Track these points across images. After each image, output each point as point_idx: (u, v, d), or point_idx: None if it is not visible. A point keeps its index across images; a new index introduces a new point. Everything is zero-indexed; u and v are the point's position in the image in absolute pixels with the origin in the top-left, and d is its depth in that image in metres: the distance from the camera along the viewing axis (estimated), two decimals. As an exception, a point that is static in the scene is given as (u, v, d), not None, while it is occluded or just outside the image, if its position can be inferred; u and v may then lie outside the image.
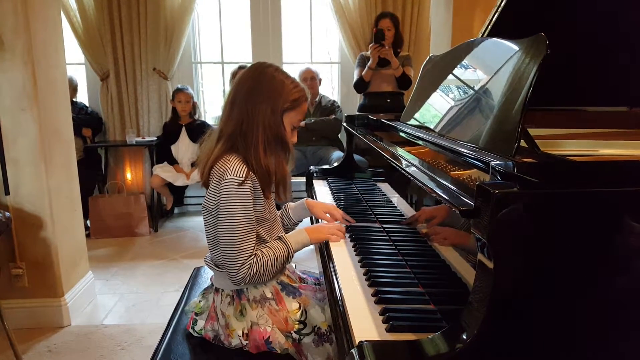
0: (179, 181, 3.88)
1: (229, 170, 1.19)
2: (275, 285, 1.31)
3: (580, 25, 1.40)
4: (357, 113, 3.18)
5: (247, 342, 1.25)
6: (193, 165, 3.94)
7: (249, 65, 4.35)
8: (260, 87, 1.25)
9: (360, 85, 3.65)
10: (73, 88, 3.98)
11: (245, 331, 1.25)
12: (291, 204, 1.57)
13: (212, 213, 1.25)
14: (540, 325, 0.73)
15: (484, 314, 0.70)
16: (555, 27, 1.09)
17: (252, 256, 1.21)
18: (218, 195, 1.21)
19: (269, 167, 1.25)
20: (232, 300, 1.30)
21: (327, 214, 1.50)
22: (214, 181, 1.23)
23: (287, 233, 1.39)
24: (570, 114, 1.51)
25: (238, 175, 1.19)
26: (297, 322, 1.26)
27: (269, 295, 1.29)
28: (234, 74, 3.91)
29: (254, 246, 1.23)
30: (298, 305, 1.29)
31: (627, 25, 1.45)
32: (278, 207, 1.49)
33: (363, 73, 3.59)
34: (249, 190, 1.21)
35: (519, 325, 0.73)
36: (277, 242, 1.30)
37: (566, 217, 0.71)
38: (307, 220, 1.60)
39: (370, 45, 3.47)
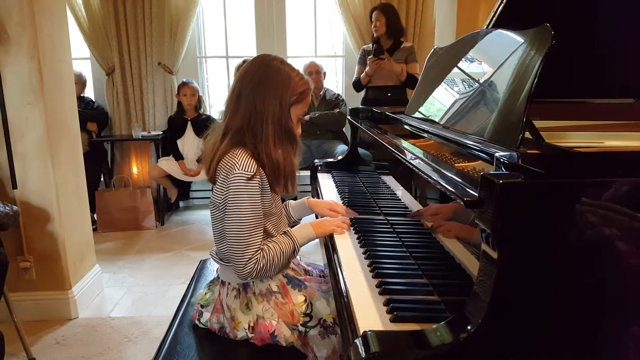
0: (180, 174, 3.89)
1: (237, 164, 1.19)
2: (281, 278, 1.32)
3: (587, 16, 1.39)
4: (361, 106, 3.18)
5: (252, 334, 1.25)
6: (199, 161, 3.94)
7: (253, 58, 4.22)
8: (267, 81, 1.24)
9: (358, 86, 3.71)
10: (82, 84, 4.00)
11: (251, 324, 1.26)
12: (292, 202, 1.57)
13: (220, 208, 1.25)
14: (544, 316, 0.73)
15: (488, 304, 0.70)
16: (561, 18, 1.08)
17: (259, 251, 1.21)
18: (226, 189, 1.20)
19: (278, 161, 1.24)
20: (238, 293, 1.30)
21: (331, 210, 1.50)
22: (221, 176, 1.22)
23: (295, 224, 1.39)
24: (576, 105, 1.50)
25: (246, 170, 1.18)
26: (302, 315, 1.26)
27: (274, 288, 1.29)
28: (238, 68, 3.90)
29: (261, 241, 1.23)
30: (304, 298, 1.29)
31: (634, 16, 1.44)
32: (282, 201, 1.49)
33: (361, 76, 3.62)
34: (257, 185, 1.20)
35: (523, 316, 0.73)
36: (283, 236, 1.30)
37: (570, 208, 0.71)
38: (312, 215, 1.60)
39: (369, 57, 3.50)
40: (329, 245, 1.29)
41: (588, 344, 0.76)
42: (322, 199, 1.78)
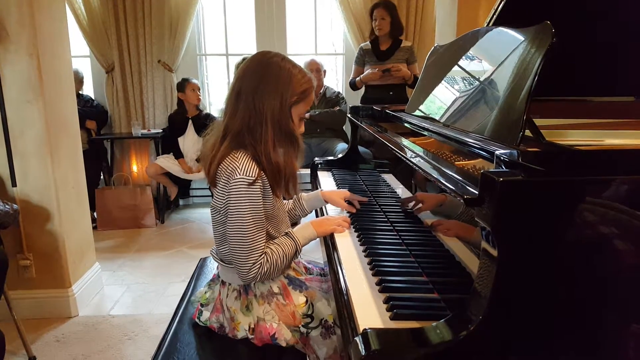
0: (179, 172, 3.89)
1: (238, 168, 1.15)
2: (282, 279, 1.31)
3: (588, 13, 1.39)
4: (361, 105, 3.17)
5: (252, 335, 1.25)
6: (199, 160, 3.93)
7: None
8: (267, 79, 1.20)
9: (354, 88, 3.72)
10: (79, 81, 3.99)
11: (252, 326, 1.25)
12: (304, 194, 1.55)
13: (221, 212, 1.23)
14: (544, 313, 0.74)
15: (488, 302, 0.70)
16: (562, 16, 1.08)
17: (263, 255, 1.20)
18: (227, 194, 1.17)
19: (278, 163, 1.21)
20: (239, 295, 1.29)
21: (345, 199, 1.50)
22: (222, 180, 1.19)
23: (297, 223, 1.38)
24: (576, 104, 1.50)
25: (248, 175, 1.15)
26: (304, 316, 1.25)
27: (276, 290, 1.28)
28: (238, 66, 3.90)
29: (264, 245, 1.21)
30: (305, 299, 1.28)
31: (634, 15, 1.43)
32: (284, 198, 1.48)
33: (356, 80, 3.61)
34: (259, 189, 1.17)
35: (523, 313, 0.73)
36: (285, 238, 1.28)
37: (571, 205, 0.71)
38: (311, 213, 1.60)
39: (371, 71, 3.48)
40: (329, 244, 1.28)
41: (588, 341, 0.76)
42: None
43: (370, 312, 0.88)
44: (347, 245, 1.23)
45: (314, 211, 1.62)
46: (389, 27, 3.46)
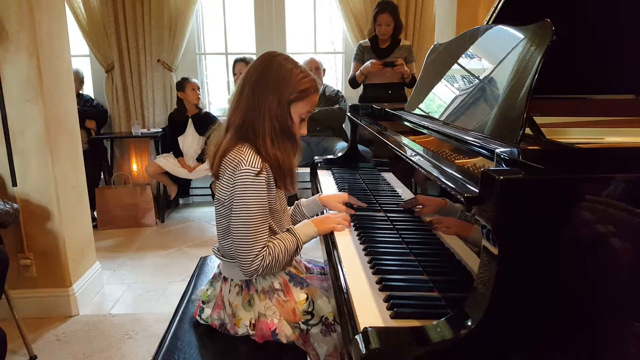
0: (179, 172, 3.89)
1: (243, 160, 1.18)
2: (284, 276, 1.31)
3: (588, 11, 1.39)
4: (361, 103, 3.17)
5: (253, 332, 1.25)
6: (199, 160, 3.93)
7: (248, 56, 4.25)
8: (267, 76, 1.23)
9: (354, 84, 3.69)
10: (80, 81, 3.99)
11: (253, 321, 1.26)
12: (304, 200, 1.57)
13: (224, 204, 1.24)
14: (544, 311, 0.74)
15: (489, 300, 0.70)
16: (562, 13, 1.08)
17: (265, 248, 1.21)
18: (232, 185, 1.19)
19: (277, 157, 1.23)
20: (241, 290, 1.30)
21: (343, 204, 1.49)
22: (227, 172, 1.21)
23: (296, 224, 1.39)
24: (577, 102, 1.50)
25: (254, 166, 1.17)
26: (304, 313, 1.26)
27: (277, 286, 1.29)
28: (234, 66, 3.92)
29: (267, 238, 1.22)
30: (305, 296, 1.29)
31: (634, 13, 1.43)
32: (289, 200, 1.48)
33: (357, 74, 3.60)
34: (263, 180, 1.19)
35: (524, 312, 0.73)
36: (287, 234, 1.30)
37: (571, 203, 0.71)
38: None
39: (372, 61, 3.45)
40: (329, 242, 1.29)
41: (589, 340, 0.76)
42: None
43: (370, 310, 0.88)
44: (347, 244, 1.23)
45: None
46: (392, 30, 3.49)
